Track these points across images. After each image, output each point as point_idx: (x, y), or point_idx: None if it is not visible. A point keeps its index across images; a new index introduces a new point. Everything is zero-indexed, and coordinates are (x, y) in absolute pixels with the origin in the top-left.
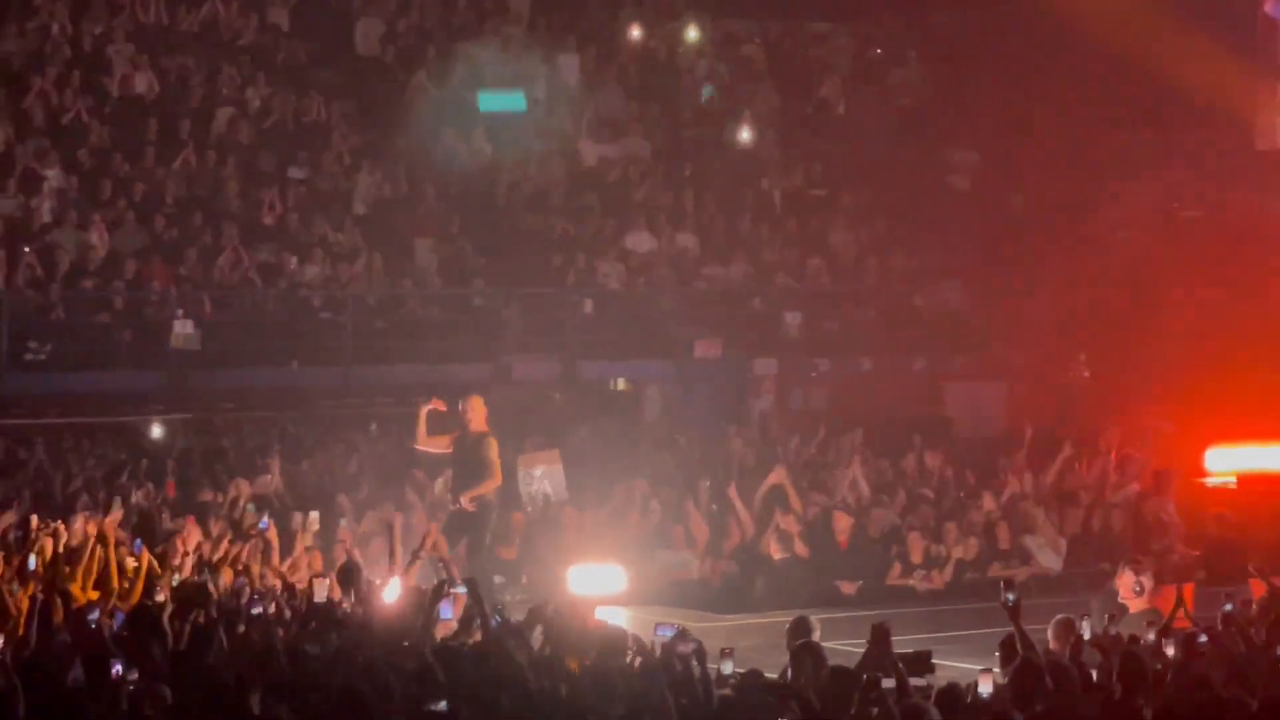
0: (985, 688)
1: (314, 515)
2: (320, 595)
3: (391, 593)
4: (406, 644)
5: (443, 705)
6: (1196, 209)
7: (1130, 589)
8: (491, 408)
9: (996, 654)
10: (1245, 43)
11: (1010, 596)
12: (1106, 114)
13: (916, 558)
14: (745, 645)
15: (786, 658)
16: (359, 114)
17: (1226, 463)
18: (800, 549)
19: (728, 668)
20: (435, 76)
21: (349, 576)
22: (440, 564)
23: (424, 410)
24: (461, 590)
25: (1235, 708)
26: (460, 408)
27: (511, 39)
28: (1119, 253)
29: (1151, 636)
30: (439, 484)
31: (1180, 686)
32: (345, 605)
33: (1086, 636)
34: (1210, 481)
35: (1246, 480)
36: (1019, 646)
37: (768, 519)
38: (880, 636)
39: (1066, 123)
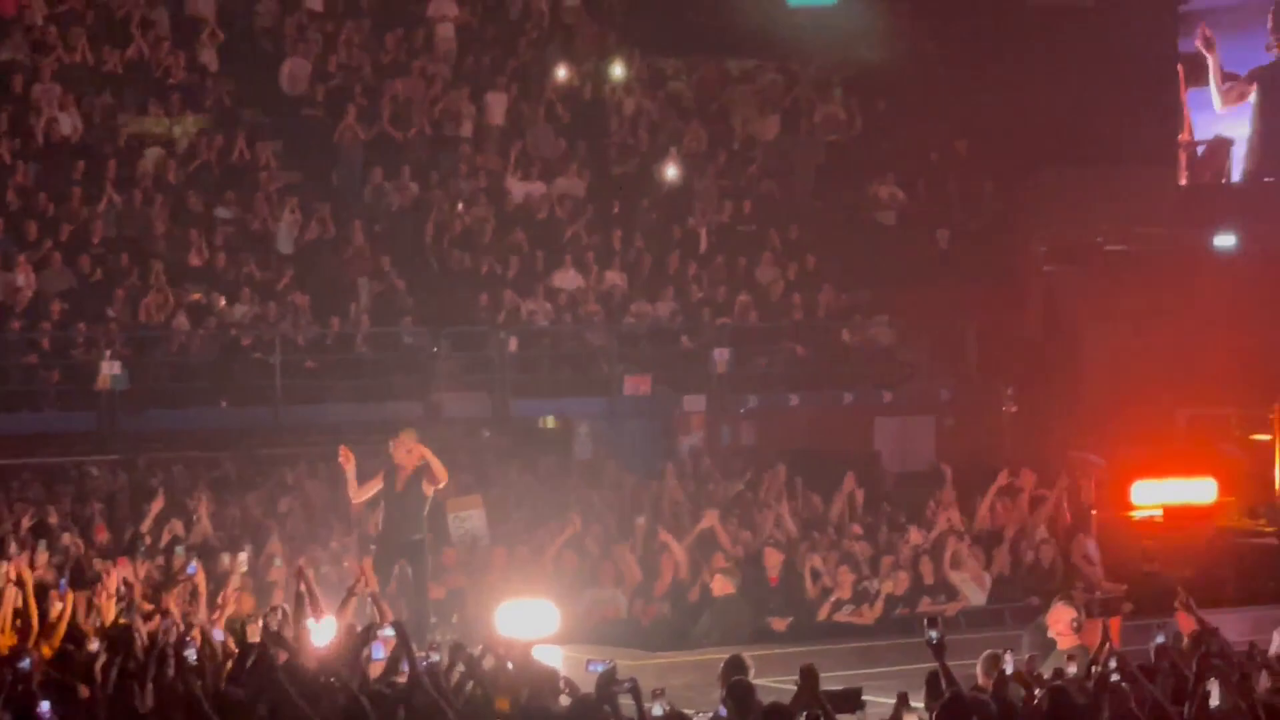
0: None
1: (242, 556)
2: (250, 637)
3: (323, 633)
4: (334, 681)
5: None
6: (1121, 244)
7: (1069, 624)
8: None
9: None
10: (1167, 78)
11: (934, 634)
12: (1031, 150)
13: (845, 594)
14: (678, 683)
15: (720, 696)
16: (287, 153)
17: (1153, 496)
18: (733, 586)
19: (658, 710)
20: (363, 115)
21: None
22: (372, 603)
23: (347, 467)
24: (390, 633)
25: None
26: (390, 446)
27: (438, 76)
28: (1044, 288)
29: (1073, 670)
30: (370, 520)
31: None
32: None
33: (1009, 671)
34: (1137, 515)
35: (1173, 514)
36: (944, 683)
37: (699, 560)
38: (809, 678)
39: (991, 159)
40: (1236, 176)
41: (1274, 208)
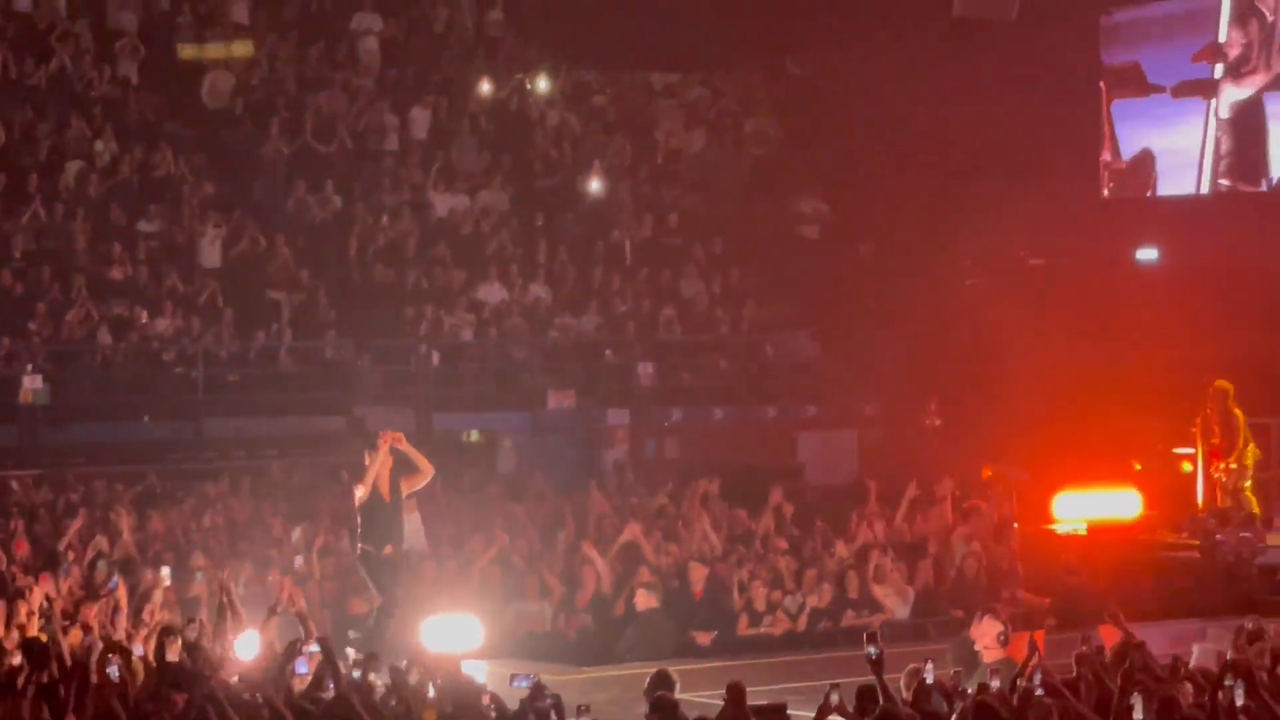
0: None
1: (165, 571)
2: (171, 653)
3: (245, 648)
4: (258, 697)
5: None
6: (1043, 257)
7: (995, 638)
8: (345, 460)
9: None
10: (1090, 92)
11: (873, 650)
12: (954, 164)
13: (760, 606)
14: (603, 698)
15: (644, 711)
16: (209, 167)
17: (1076, 509)
18: (657, 600)
19: None
20: (286, 129)
21: (169, 633)
22: (298, 619)
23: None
24: (315, 649)
25: None
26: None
27: (362, 90)
28: (967, 301)
29: (998, 684)
30: (295, 534)
31: None
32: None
33: (930, 681)
34: (1060, 528)
35: (1096, 527)
36: (880, 698)
37: (622, 574)
38: (736, 697)
39: (914, 172)
40: (1162, 190)
41: (1195, 221)
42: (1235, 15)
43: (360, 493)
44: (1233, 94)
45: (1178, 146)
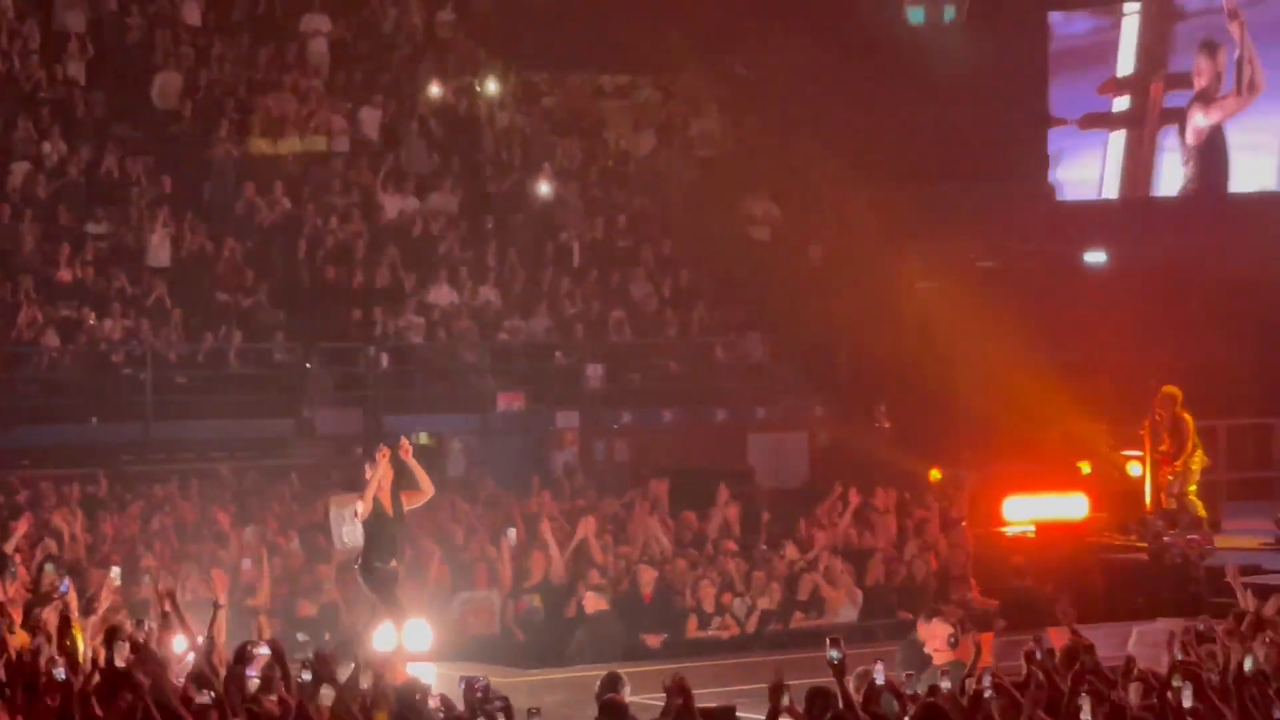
0: None
1: (116, 571)
2: (119, 657)
3: (190, 650)
4: (207, 698)
5: None
6: (993, 260)
7: (944, 640)
8: (294, 463)
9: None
10: (1041, 97)
11: (835, 655)
12: (904, 166)
13: (709, 608)
14: (553, 701)
15: (593, 714)
16: (158, 168)
17: (1024, 512)
18: (606, 603)
19: None
20: (235, 130)
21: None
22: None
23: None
24: (265, 651)
25: None
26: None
27: (311, 92)
28: (917, 304)
29: (948, 685)
30: (248, 531)
31: None
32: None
33: (880, 681)
34: (1008, 530)
35: (1045, 529)
36: (841, 705)
37: (572, 572)
38: (679, 691)
39: (864, 175)
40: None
41: (1144, 225)
42: (1202, 44)
43: (362, 509)
44: (1200, 120)
45: (1080, 179)
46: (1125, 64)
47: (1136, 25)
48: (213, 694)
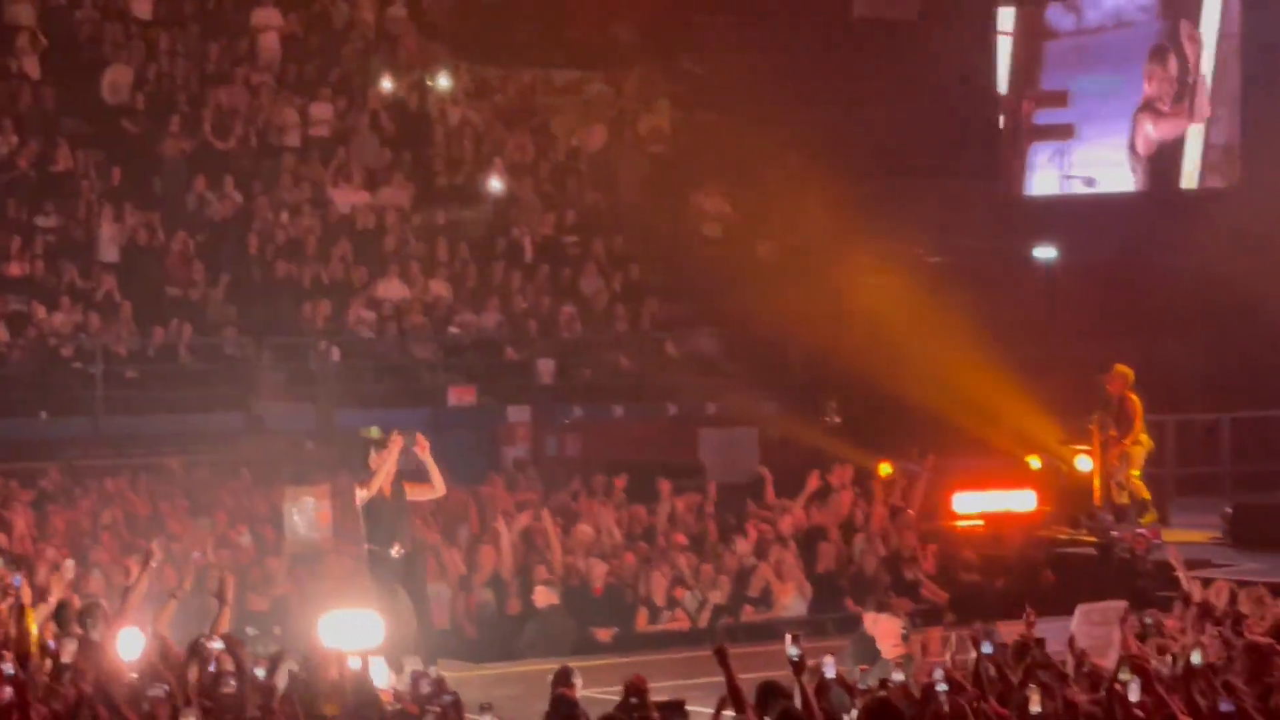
0: None
1: (68, 564)
2: (65, 653)
3: (131, 645)
4: (158, 692)
5: None
6: (942, 255)
7: (896, 634)
8: (244, 457)
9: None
10: (992, 93)
11: (795, 651)
12: (855, 162)
13: (660, 602)
14: (504, 695)
15: (545, 708)
16: (108, 162)
17: (974, 507)
18: (557, 597)
19: None
20: (186, 124)
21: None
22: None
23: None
24: (219, 644)
25: None
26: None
27: (262, 86)
28: (867, 299)
29: (899, 678)
30: (205, 523)
31: None
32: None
33: (830, 675)
34: (958, 525)
35: (993, 523)
36: (798, 702)
37: (523, 566)
38: (636, 691)
39: (816, 170)
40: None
41: (1094, 221)
42: (1153, 52)
43: (362, 494)
44: (1149, 131)
45: None
46: (1002, 83)
47: (1010, 45)
48: (165, 688)
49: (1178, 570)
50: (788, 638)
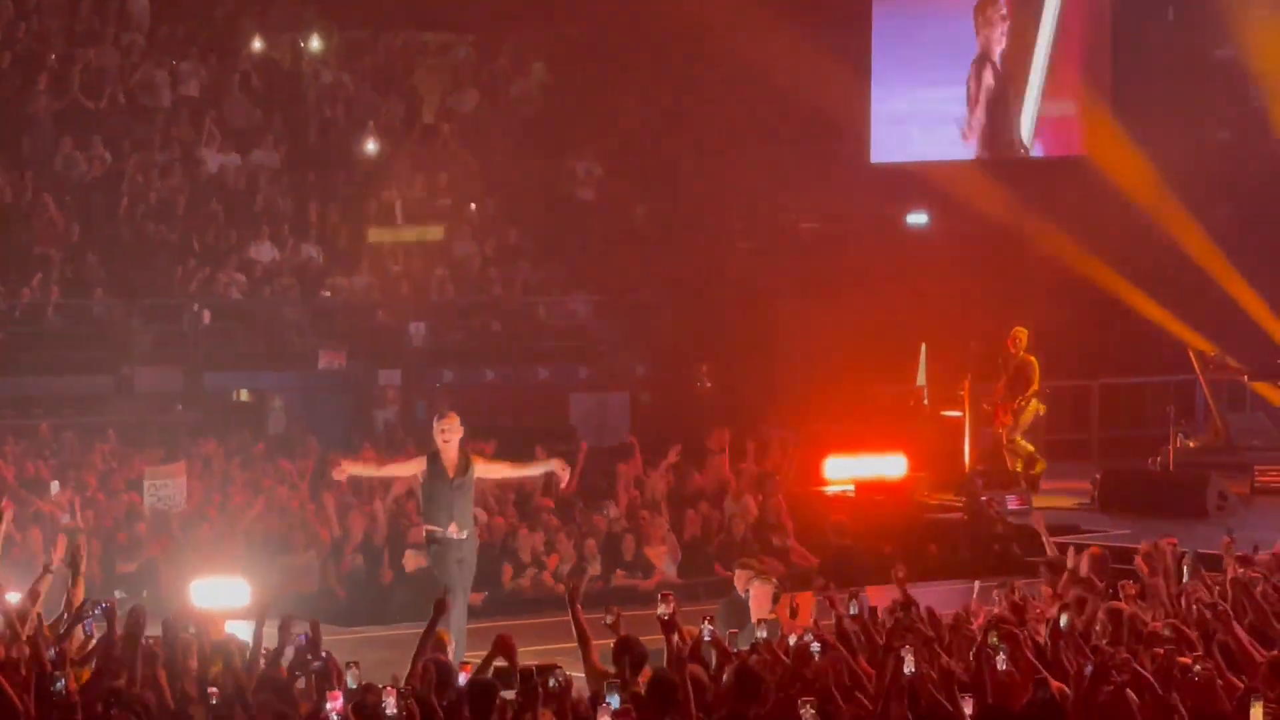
0: None
1: None
2: None
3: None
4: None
5: None
6: (815, 221)
7: (767, 598)
8: (113, 419)
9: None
10: (860, 59)
11: (664, 610)
12: (726, 126)
13: (526, 557)
14: (374, 658)
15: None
16: None
17: (845, 471)
18: (426, 561)
19: (350, 680)
20: (55, 83)
21: None
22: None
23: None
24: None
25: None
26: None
27: (133, 46)
28: (740, 265)
29: (763, 635)
30: (54, 487)
31: (794, 694)
32: None
33: (707, 638)
34: (829, 490)
35: (864, 488)
36: (668, 661)
37: (397, 534)
38: (504, 649)
39: (687, 135)
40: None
41: (964, 186)
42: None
43: (412, 469)
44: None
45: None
46: None
47: None
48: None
49: (1042, 537)
50: (659, 597)
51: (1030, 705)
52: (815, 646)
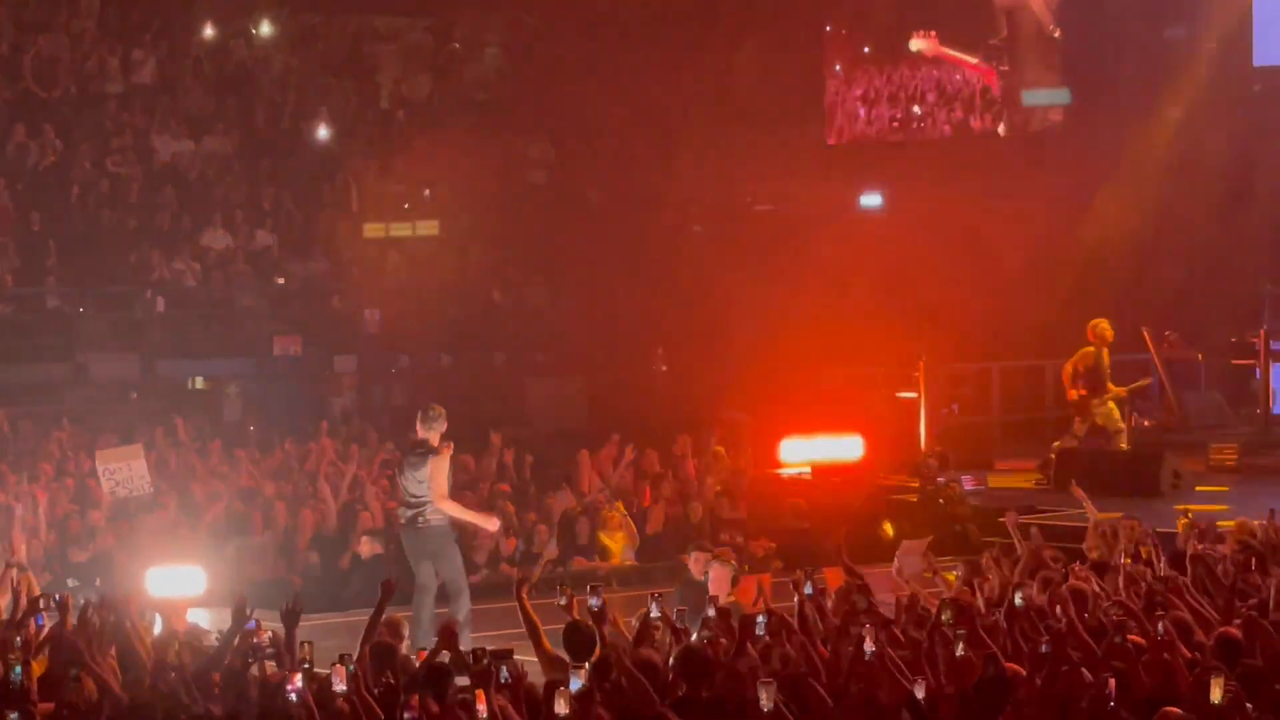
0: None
1: None
2: None
3: None
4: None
5: None
6: (770, 204)
7: (725, 581)
8: (67, 408)
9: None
10: (815, 38)
11: (595, 601)
12: (681, 110)
13: (486, 549)
14: (330, 645)
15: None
16: None
17: (801, 454)
18: (381, 547)
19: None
20: (6, 72)
21: None
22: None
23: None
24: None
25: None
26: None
27: (84, 33)
28: (694, 248)
29: (711, 612)
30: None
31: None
32: None
33: (654, 616)
34: (785, 472)
35: (820, 471)
36: (600, 648)
37: (348, 522)
38: (447, 637)
39: (640, 118)
40: None
41: (918, 167)
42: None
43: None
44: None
45: None
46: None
47: None
48: None
49: (1013, 535)
50: (588, 588)
51: (981, 683)
52: (760, 619)
